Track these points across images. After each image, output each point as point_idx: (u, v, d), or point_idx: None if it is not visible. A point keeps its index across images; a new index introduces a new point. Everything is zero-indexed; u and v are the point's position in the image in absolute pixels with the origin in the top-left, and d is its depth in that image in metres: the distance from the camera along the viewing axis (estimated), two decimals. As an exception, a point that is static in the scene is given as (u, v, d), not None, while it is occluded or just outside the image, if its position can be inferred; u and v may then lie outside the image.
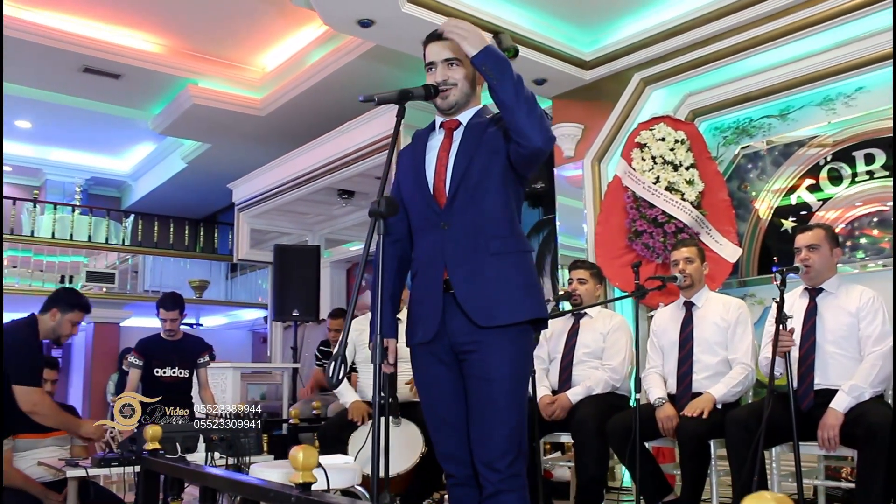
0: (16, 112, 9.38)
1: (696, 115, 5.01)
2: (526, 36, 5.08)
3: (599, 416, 3.56)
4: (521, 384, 2.20)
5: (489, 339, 2.16)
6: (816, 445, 3.00)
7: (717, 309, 3.58)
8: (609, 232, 5.07)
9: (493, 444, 2.12)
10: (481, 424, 2.15)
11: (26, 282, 9.65)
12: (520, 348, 2.20)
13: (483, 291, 2.16)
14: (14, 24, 6.81)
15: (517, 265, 2.21)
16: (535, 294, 2.22)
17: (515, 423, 2.15)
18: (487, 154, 2.23)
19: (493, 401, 2.14)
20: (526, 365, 2.24)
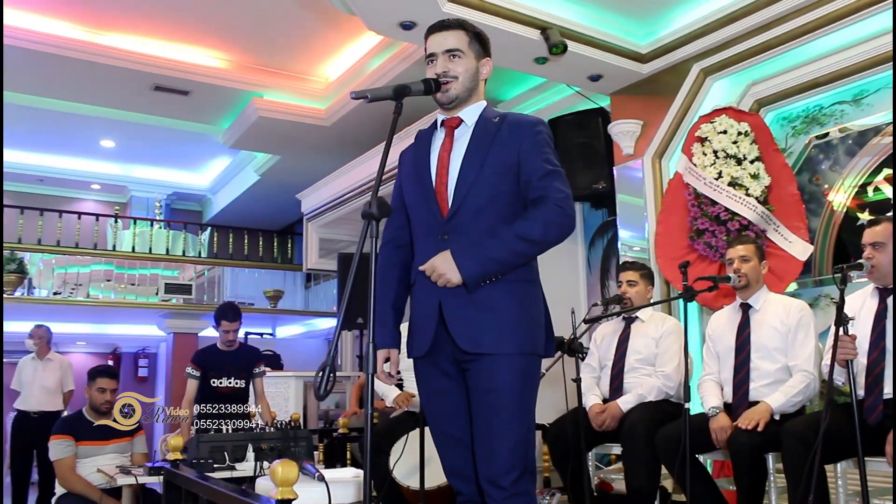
0: (100, 132, 9.80)
1: (762, 104, 4.69)
2: (578, 31, 4.89)
3: (650, 425, 3.36)
4: (526, 397, 2.06)
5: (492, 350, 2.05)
6: (885, 462, 2.71)
7: (776, 311, 3.31)
8: (670, 231, 4.82)
9: (497, 460, 1.99)
10: (484, 438, 2.02)
11: (110, 294, 10.06)
12: (523, 363, 2.07)
13: (471, 317, 2.05)
14: (87, 47, 7.11)
15: (514, 294, 2.08)
16: (527, 329, 2.08)
17: (521, 437, 2.01)
18: (497, 171, 2.14)
19: (497, 413, 2.02)
20: (530, 381, 2.10)
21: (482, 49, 2.28)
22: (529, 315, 2.11)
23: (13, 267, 9.00)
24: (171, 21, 7.00)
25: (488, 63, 2.29)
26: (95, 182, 11.57)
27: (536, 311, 2.14)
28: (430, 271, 2.06)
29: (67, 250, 9.93)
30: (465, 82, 2.20)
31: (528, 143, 2.16)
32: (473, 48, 2.24)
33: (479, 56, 2.26)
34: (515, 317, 2.07)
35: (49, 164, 10.79)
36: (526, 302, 2.11)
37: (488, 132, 2.18)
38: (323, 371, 1.88)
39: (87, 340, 11.64)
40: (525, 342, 2.07)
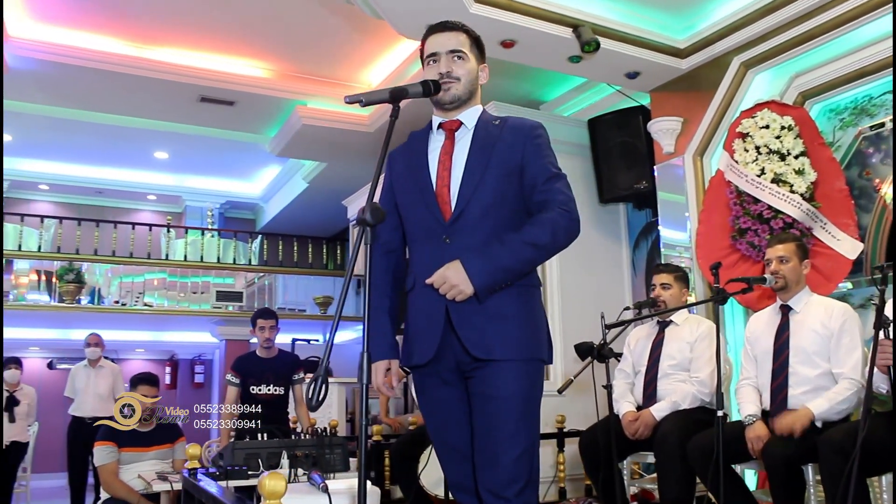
0: (153, 144, 10.03)
1: (806, 97, 4.49)
2: (611, 28, 4.78)
3: (683, 434, 3.23)
4: (530, 405, 2.00)
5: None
6: (932, 474, 2.54)
7: (817, 314, 3.14)
8: (711, 231, 4.65)
9: (499, 470, 1.92)
10: (487, 447, 1.96)
11: (163, 301, 10.31)
12: (530, 369, 2.02)
13: (481, 323, 1.99)
14: (135, 62, 7.29)
15: (522, 300, 2.04)
16: (533, 335, 2.05)
17: (525, 447, 1.94)
18: (500, 174, 2.09)
19: (500, 421, 1.95)
20: (536, 388, 2.04)
21: (481, 54, 2.25)
22: (535, 320, 2.08)
23: (71, 277, 9.28)
24: (215, 34, 7.12)
25: (486, 69, 2.26)
26: (151, 193, 11.86)
27: (541, 316, 2.12)
28: (441, 283, 1.99)
29: (122, 260, 10.20)
30: (467, 84, 2.17)
31: (530, 147, 2.12)
32: (474, 52, 2.22)
33: (479, 60, 2.24)
34: (523, 322, 2.04)
35: (107, 176, 11.11)
36: (531, 307, 2.08)
37: (491, 134, 2.15)
38: (315, 382, 1.85)
39: (146, 347, 11.94)
40: (531, 348, 2.03)
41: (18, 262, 9.90)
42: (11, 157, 10.37)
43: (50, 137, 9.51)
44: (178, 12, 6.69)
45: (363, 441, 1.83)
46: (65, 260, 9.56)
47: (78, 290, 9.34)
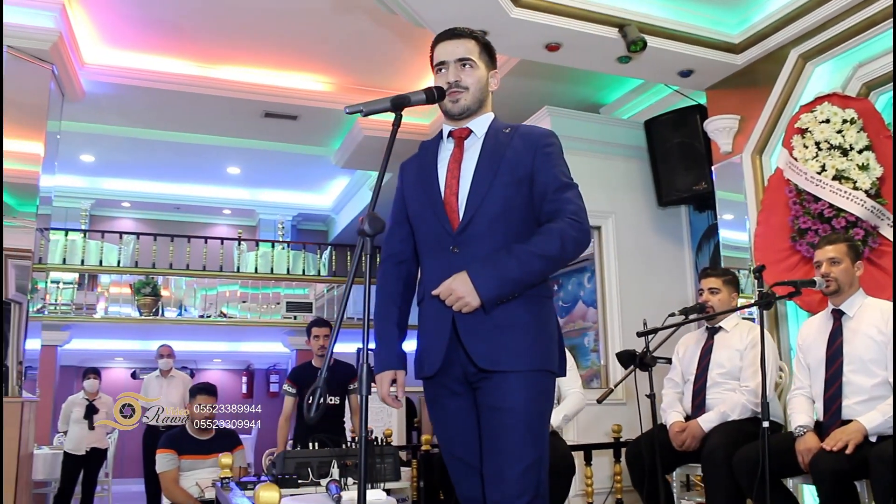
0: (225, 160, 10.36)
1: (871, 87, 4.23)
2: (662, 26, 4.65)
3: (731, 446, 3.09)
4: (538, 417, 1.95)
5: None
6: None
7: (872, 319, 2.94)
8: (770, 232, 4.43)
9: (506, 484, 1.87)
10: (494, 459, 1.91)
11: (234, 310, 10.61)
12: (537, 380, 1.96)
13: (487, 333, 1.95)
14: (200, 81, 7.54)
15: (531, 310, 1.99)
16: (543, 346, 2.00)
17: (531, 460, 1.89)
18: (510, 183, 2.05)
19: (509, 433, 1.91)
20: (544, 400, 1.99)
21: (491, 61, 2.22)
22: (546, 331, 2.03)
23: (148, 290, 9.66)
24: (274, 51, 7.29)
25: (496, 75, 2.23)
26: (227, 207, 12.24)
27: (552, 327, 2.06)
28: (447, 294, 1.96)
29: (195, 273, 10.55)
30: (476, 93, 2.14)
31: (541, 156, 2.08)
32: (484, 59, 2.18)
33: (489, 67, 2.20)
34: (532, 333, 1.99)
35: (184, 192, 11.54)
36: (542, 318, 2.03)
37: (500, 143, 2.11)
38: (313, 394, 1.84)
39: (223, 358, 12.31)
40: (541, 359, 1.98)
41: (103, 277, 10.38)
42: (95, 177, 10.92)
43: (129, 157, 9.95)
44: (238, 32, 6.89)
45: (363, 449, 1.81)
46: (142, 274, 9.96)
47: (155, 302, 9.71)
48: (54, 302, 9.73)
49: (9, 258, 5.64)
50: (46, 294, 9.62)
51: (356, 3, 6.22)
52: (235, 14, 6.53)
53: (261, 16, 6.55)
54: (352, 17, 6.50)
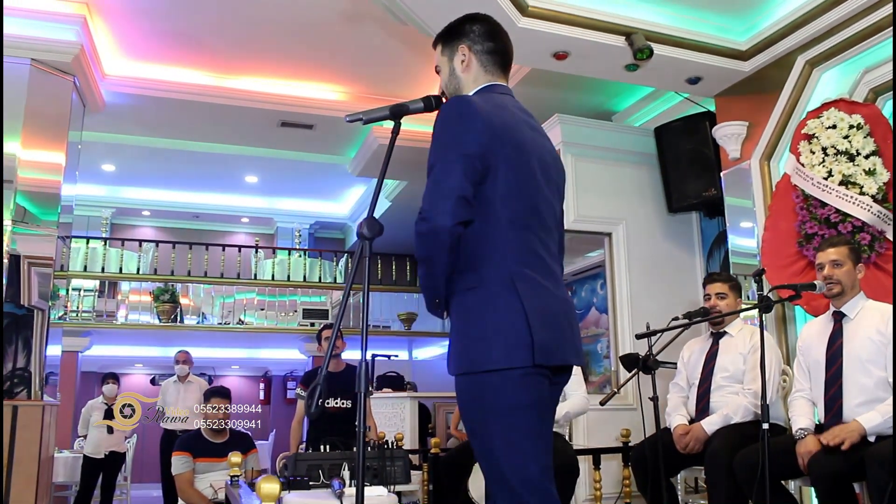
0: (243, 169, 10.52)
1: (878, 93, 4.25)
2: (668, 34, 4.69)
3: (734, 448, 3.11)
4: (476, 421, 1.88)
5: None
6: None
7: (872, 320, 2.97)
8: (777, 238, 4.46)
9: (485, 477, 1.92)
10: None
11: (252, 318, 10.73)
12: (467, 384, 1.88)
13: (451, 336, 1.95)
14: (217, 91, 7.68)
15: (457, 307, 1.91)
16: (465, 346, 1.87)
17: (490, 462, 1.86)
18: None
19: (467, 429, 1.95)
20: (477, 402, 1.87)
21: (450, 44, 2.14)
22: (468, 328, 1.87)
23: (166, 297, 9.81)
24: (290, 61, 7.41)
25: (461, 50, 2.11)
26: (244, 216, 12.40)
27: (477, 321, 1.86)
28: None
29: (213, 280, 10.70)
30: (449, 88, 2.15)
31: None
32: (446, 52, 2.14)
33: (451, 53, 2.13)
34: (457, 334, 1.90)
35: (203, 201, 11.71)
36: (465, 313, 1.89)
37: None
38: (313, 392, 1.91)
39: (241, 364, 12.44)
40: (462, 361, 1.87)
41: (123, 284, 10.56)
42: (116, 186, 11.11)
43: (149, 166, 10.13)
44: (255, 44, 7.02)
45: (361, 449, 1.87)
46: (161, 281, 10.12)
47: (173, 309, 9.86)
48: (76, 309, 9.91)
49: (31, 266, 5.78)
50: (68, 301, 9.80)
51: (370, 15, 6.33)
52: (252, 26, 6.66)
53: (277, 28, 6.68)
54: (365, 28, 6.61)
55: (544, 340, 1.83)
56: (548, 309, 1.89)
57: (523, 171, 1.95)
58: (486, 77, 2.11)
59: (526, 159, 1.96)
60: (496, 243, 1.90)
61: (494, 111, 1.95)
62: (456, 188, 1.84)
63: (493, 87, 2.10)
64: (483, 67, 2.11)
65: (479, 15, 2.20)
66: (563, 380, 2.00)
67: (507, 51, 2.17)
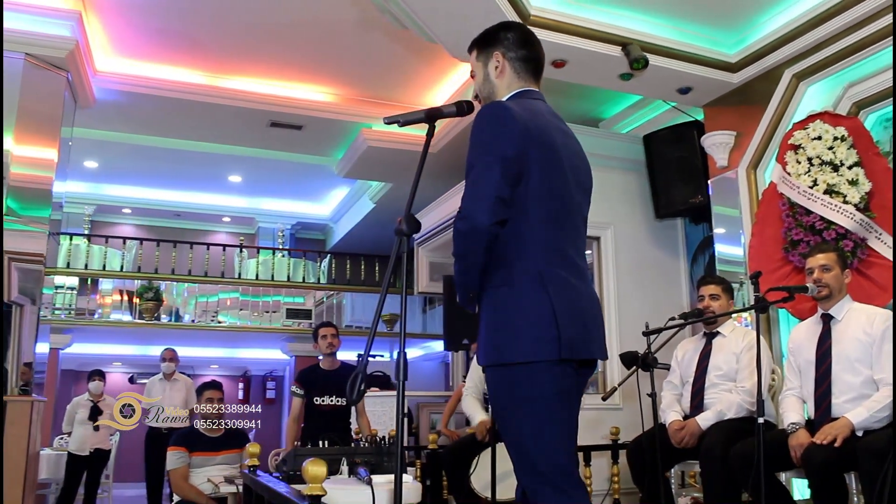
0: (227, 168, 10.52)
1: (861, 107, 4.46)
2: (662, 45, 4.86)
3: (728, 443, 3.26)
4: (508, 410, 2.00)
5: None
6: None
7: (859, 322, 3.15)
8: (764, 244, 4.64)
9: (521, 476, 2.01)
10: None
11: (235, 320, 10.74)
12: (498, 375, 2.00)
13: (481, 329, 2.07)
14: (209, 90, 7.71)
15: (488, 303, 2.02)
16: (495, 338, 1.97)
17: (522, 451, 1.98)
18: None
19: (504, 430, 2.03)
20: (510, 393, 1.98)
21: (487, 48, 2.23)
22: (498, 322, 1.98)
23: (150, 295, 9.79)
24: (283, 62, 7.47)
25: (496, 56, 2.20)
26: (226, 215, 12.38)
27: (508, 315, 1.97)
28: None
29: (197, 279, 10.69)
30: (483, 92, 2.25)
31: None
32: (481, 58, 2.25)
33: (486, 59, 2.23)
34: (488, 328, 2.01)
35: (185, 199, 11.68)
36: (496, 308, 2.00)
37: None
38: (354, 379, 2.01)
39: (220, 364, 12.42)
40: (495, 354, 1.98)
41: (104, 282, 10.51)
42: (97, 183, 11.04)
43: (132, 164, 10.09)
44: (248, 43, 7.07)
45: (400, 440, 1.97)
46: (145, 279, 10.09)
47: (157, 307, 9.84)
48: (57, 306, 9.84)
49: (21, 262, 5.77)
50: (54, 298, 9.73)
51: (362, 18, 6.42)
52: (245, 27, 6.71)
53: (270, 29, 6.74)
54: (357, 30, 6.69)
55: (571, 336, 1.94)
56: (575, 305, 1.99)
57: (556, 174, 2.06)
58: (520, 83, 2.20)
59: (558, 162, 2.07)
60: (528, 242, 2.01)
61: (529, 116, 2.06)
62: (494, 189, 1.95)
63: (527, 92, 2.20)
64: (516, 74, 2.20)
65: (514, 23, 2.33)
66: (589, 372, 2.11)
67: (540, 58, 2.27)
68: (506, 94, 2.20)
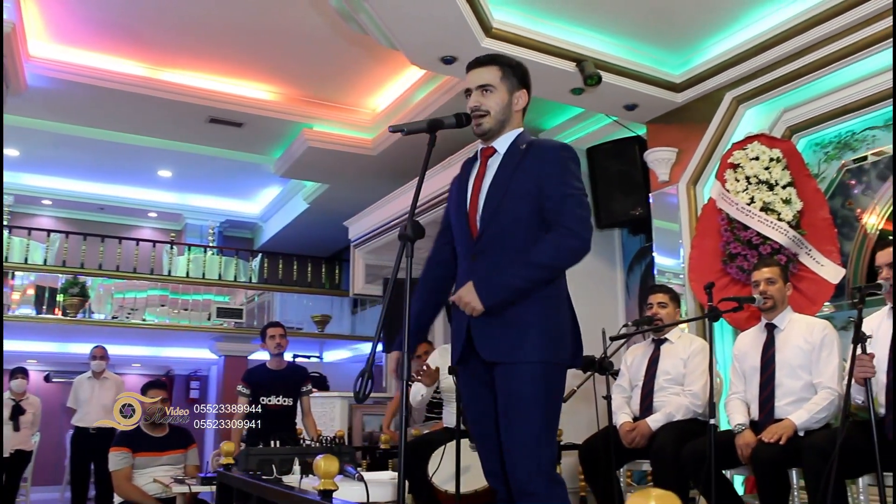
0: (158, 162, 10.26)
1: (794, 131, 4.79)
2: (612, 63, 5.07)
3: (678, 443, 3.45)
4: (545, 404, 2.18)
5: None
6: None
7: (800, 331, 3.41)
8: (703, 256, 4.92)
9: (519, 465, 2.14)
10: (509, 441, 2.18)
11: (164, 318, 10.47)
12: (544, 371, 2.19)
13: (493, 330, 2.21)
14: (148, 83, 7.54)
15: (535, 309, 2.21)
16: (547, 340, 2.20)
17: (540, 443, 2.15)
18: (517, 198, 2.29)
19: (518, 418, 2.17)
20: (550, 387, 2.21)
21: (518, 81, 2.41)
22: (549, 326, 2.22)
23: (75, 290, 9.45)
24: (227, 58, 7.39)
25: (524, 94, 2.42)
26: (152, 210, 12.07)
27: (557, 322, 2.25)
28: (458, 301, 2.25)
29: (126, 275, 10.38)
30: (498, 115, 2.36)
31: (549, 168, 2.29)
32: (506, 82, 2.38)
33: (514, 88, 2.39)
34: (535, 329, 2.20)
35: (110, 193, 11.32)
36: (545, 314, 2.23)
37: (513, 160, 2.34)
38: (362, 377, 2.08)
39: (142, 362, 12.07)
40: (544, 351, 2.19)
41: (18, 275, 10.06)
42: (17, 172, 10.58)
43: (56, 154, 9.73)
44: (192, 36, 6.96)
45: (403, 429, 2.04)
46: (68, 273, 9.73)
47: (82, 303, 9.51)
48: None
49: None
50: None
51: (309, 19, 6.42)
52: (189, 22, 6.61)
53: (214, 25, 6.65)
54: (303, 30, 6.67)
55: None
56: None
57: None
58: (521, 124, 2.44)
59: None
60: None
61: None
62: (590, 216, 2.28)
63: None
64: (522, 115, 2.45)
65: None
66: None
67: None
68: (517, 129, 2.40)
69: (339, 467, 3.10)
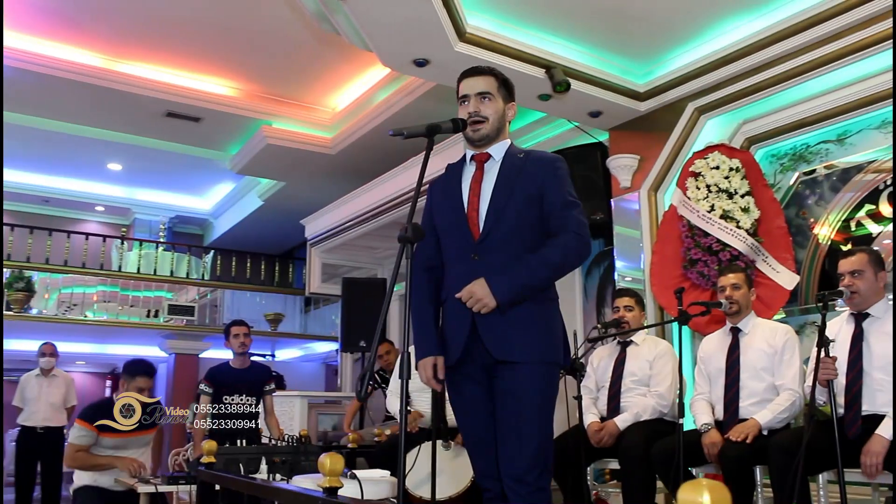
0: (108, 155, 10.04)
1: (752, 142, 4.98)
2: (580, 70, 5.18)
3: (646, 442, 3.57)
4: (546, 401, 2.29)
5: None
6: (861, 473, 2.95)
7: (763, 335, 3.56)
8: (664, 261, 5.07)
9: (523, 458, 2.21)
10: (511, 439, 2.24)
11: (113, 315, 10.22)
12: (545, 371, 2.30)
13: (502, 329, 2.28)
14: (104, 74, 7.38)
15: (539, 311, 2.33)
16: (550, 341, 2.33)
17: (542, 438, 2.24)
18: (523, 200, 2.39)
19: (522, 416, 2.24)
20: (551, 387, 2.32)
21: (508, 94, 2.55)
22: (551, 328, 2.36)
23: (21, 285, 9.17)
24: (186, 51, 7.28)
25: (514, 107, 2.56)
26: (100, 204, 11.79)
27: (556, 325, 2.39)
28: (468, 297, 2.29)
29: (73, 269, 10.11)
30: (494, 122, 2.46)
31: (549, 178, 2.42)
32: (501, 93, 2.51)
33: (507, 100, 2.53)
34: (540, 330, 2.33)
35: (55, 185, 11.03)
36: (548, 317, 2.37)
37: (515, 166, 2.45)
38: (363, 378, 2.12)
39: (87, 360, 11.77)
40: (548, 352, 2.32)
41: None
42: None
43: None
44: (151, 29, 6.84)
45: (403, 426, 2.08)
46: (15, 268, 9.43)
47: (27, 298, 9.22)
48: None
49: None
50: None
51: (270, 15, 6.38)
52: (148, 13, 6.51)
53: (176, 17, 6.56)
54: (263, 27, 6.64)
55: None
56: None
57: None
58: (508, 135, 2.56)
59: None
60: None
61: None
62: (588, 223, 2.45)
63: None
64: (508, 126, 2.58)
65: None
66: None
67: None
68: (506, 139, 2.53)
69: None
